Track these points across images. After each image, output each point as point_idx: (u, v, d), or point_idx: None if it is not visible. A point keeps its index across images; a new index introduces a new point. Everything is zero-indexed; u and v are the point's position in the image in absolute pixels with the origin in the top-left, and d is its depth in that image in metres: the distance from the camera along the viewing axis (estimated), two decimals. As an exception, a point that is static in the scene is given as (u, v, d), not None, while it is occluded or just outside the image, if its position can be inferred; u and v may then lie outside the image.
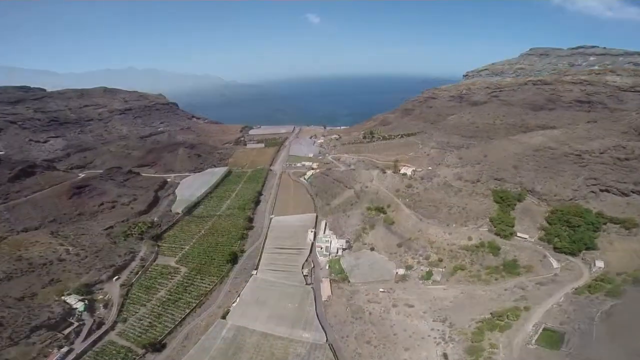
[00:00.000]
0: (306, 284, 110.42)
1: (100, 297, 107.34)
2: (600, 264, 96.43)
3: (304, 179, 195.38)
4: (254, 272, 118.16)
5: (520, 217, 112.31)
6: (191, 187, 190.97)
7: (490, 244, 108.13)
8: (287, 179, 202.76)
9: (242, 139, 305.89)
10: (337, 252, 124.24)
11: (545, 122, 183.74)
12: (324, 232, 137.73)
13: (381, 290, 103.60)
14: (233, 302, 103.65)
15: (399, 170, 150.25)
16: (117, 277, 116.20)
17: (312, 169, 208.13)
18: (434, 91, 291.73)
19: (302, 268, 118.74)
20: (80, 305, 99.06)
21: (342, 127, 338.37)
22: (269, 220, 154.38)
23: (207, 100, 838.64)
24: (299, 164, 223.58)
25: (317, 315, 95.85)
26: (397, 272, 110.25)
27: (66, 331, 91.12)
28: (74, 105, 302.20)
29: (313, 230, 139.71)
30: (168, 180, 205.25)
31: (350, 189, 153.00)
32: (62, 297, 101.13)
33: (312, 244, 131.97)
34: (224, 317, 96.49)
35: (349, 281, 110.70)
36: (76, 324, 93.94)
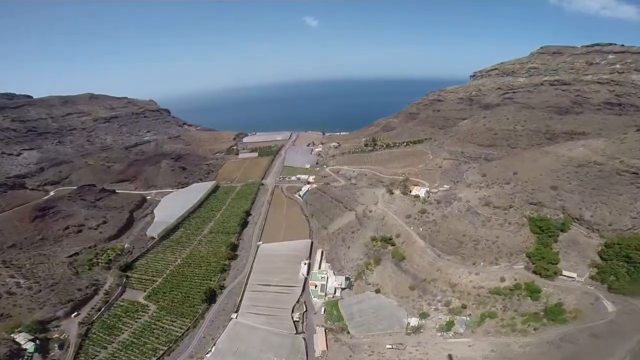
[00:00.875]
0: (296, 332, 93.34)
1: (56, 336, 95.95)
2: (670, 308, 76.09)
3: (299, 195, 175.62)
4: (234, 315, 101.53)
5: (566, 252, 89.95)
6: (172, 206, 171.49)
7: (528, 285, 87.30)
8: (279, 195, 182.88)
9: (235, 147, 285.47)
10: (335, 293, 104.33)
11: (574, 128, 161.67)
12: (320, 266, 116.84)
13: (388, 346, 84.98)
14: (207, 352, 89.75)
15: (410, 191, 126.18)
16: (76, 313, 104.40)
17: (309, 183, 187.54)
18: (440, 93, 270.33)
19: (292, 311, 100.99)
20: (30, 346, 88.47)
21: (341, 133, 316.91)
22: (256, 248, 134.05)
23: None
24: (293, 177, 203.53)
25: (309, 375, 79.58)
26: (409, 322, 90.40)
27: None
28: (57, 114, 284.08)
29: (307, 261, 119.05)
30: (148, 197, 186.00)
31: (351, 211, 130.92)
32: (12, 335, 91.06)
33: (306, 279, 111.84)
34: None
35: (348, 332, 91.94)
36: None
